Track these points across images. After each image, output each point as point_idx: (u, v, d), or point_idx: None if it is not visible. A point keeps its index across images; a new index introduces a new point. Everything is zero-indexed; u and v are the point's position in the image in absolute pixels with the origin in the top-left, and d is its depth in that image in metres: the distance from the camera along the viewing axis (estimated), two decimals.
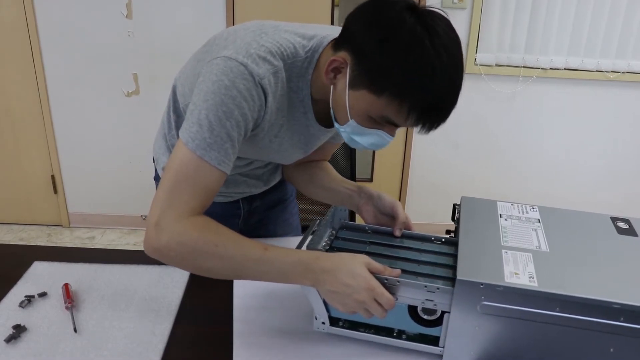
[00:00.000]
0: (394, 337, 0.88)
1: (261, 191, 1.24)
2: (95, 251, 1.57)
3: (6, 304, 0.99)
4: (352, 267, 0.81)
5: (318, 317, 0.89)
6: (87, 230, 2.99)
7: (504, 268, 0.82)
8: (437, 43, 0.76)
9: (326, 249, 0.91)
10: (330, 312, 0.89)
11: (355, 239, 1.00)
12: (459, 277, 0.79)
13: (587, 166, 2.90)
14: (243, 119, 0.85)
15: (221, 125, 0.83)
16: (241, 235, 0.87)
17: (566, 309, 0.77)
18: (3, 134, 2.79)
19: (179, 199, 0.84)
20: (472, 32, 2.59)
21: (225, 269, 0.85)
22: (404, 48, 0.76)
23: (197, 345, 0.92)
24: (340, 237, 1.01)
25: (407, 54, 0.76)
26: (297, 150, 1.05)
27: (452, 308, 0.81)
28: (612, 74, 2.65)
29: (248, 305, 1.00)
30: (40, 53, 2.62)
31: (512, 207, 1.03)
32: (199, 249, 0.83)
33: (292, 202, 1.38)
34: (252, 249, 0.84)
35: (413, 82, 0.77)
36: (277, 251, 0.84)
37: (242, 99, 0.84)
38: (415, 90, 0.78)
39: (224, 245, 0.83)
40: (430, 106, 0.80)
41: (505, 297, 0.78)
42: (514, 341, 0.81)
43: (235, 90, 0.83)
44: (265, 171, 1.19)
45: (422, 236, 1.02)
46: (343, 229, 1.04)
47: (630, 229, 0.98)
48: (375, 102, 0.81)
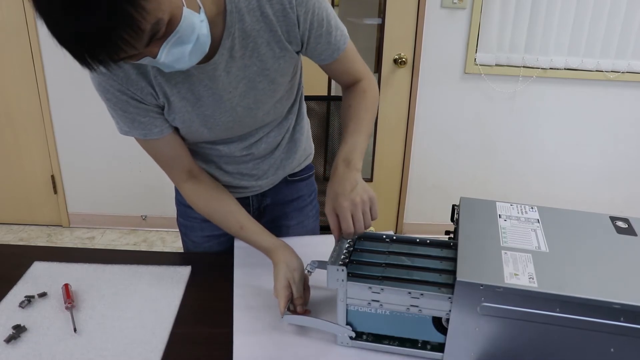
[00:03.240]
0: (419, 348, 0.87)
1: (259, 185, 1.20)
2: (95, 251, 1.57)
3: (6, 304, 0.99)
4: (277, 273, 0.98)
5: (341, 334, 0.89)
6: (87, 230, 2.99)
7: (503, 269, 0.81)
8: None
9: (346, 262, 0.88)
10: (355, 327, 0.88)
11: (373, 250, 0.95)
12: (459, 279, 0.78)
13: (587, 166, 2.90)
14: (123, 95, 0.94)
15: (115, 112, 0.97)
16: (228, 204, 1.09)
17: (566, 310, 0.76)
18: (3, 134, 2.79)
19: (167, 173, 1.08)
20: (472, 32, 2.59)
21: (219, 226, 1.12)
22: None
23: (197, 345, 0.92)
24: (358, 248, 0.95)
25: None
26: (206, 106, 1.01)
27: (452, 309, 0.81)
28: (612, 74, 2.65)
29: (249, 306, 1.00)
30: (40, 53, 2.62)
31: (511, 208, 1.03)
32: (198, 210, 1.11)
33: (311, 204, 1.34)
34: (231, 226, 1.09)
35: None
36: (249, 232, 1.08)
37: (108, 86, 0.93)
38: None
39: (209, 217, 1.11)
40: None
41: (505, 298, 0.78)
42: (513, 342, 0.81)
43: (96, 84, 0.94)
44: (243, 160, 1.15)
45: (440, 242, 0.97)
46: (361, 240, 0.98)
47: (629, 228, 0.98)
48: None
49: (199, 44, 0.80)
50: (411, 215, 3.01)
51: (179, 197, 1.26)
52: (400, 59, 2.65)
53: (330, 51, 1.01)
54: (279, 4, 0.91)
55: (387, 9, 2.58)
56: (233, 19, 0.90)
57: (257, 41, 0.93)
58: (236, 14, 0.90)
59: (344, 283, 0.84)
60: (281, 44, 0.96)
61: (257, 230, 1.08)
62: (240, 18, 0.90)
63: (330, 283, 0.85)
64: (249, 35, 0.92)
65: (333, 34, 0.99)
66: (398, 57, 2.65)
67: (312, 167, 1.33)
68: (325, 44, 0.99)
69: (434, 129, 2.76)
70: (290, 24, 0.93)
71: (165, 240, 2.91)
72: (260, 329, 0.94)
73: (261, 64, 0.96)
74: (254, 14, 0.91)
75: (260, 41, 0.94)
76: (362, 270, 0.88)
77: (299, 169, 1.27)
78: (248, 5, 0.90)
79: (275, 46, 0.95)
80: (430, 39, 2.62)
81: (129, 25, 0.68)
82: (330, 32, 0.98)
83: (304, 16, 0.93)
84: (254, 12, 0.90)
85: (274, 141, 1.14)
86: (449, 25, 2.59)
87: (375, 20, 2.67)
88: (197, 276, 1.11)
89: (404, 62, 2.65)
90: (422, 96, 2.70)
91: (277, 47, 0.96)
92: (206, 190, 1.10)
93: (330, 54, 1.02)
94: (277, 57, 0.97)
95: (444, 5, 2.55)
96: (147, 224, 3.01)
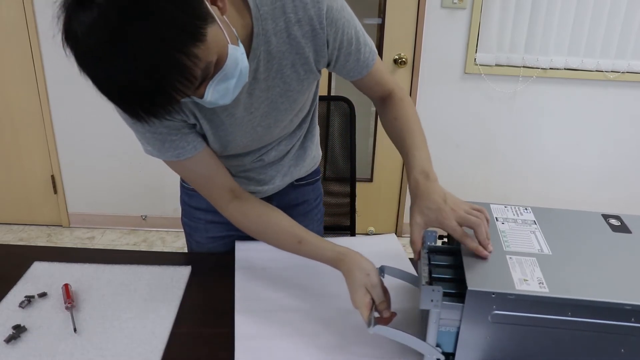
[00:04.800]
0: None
1: (265, 190, 1.19)
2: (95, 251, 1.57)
3: (6, 304, 0.99)
4: (351, 283, 0.89)
5: (430, 356, 0.84)
6: (87, 230, 2.99)
7: (512, 275, 0.80)
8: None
9: (429, 283, 0.84)
10: (443, 347, 0.84)
11: (450, 265, 0.90)
12: (470, 288, 0.76)
13: (587, 166, 2.90)
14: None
15: (143, 135, 0.93)
16: (280, 219, 1.01)
17: (578, 313, 0.76)
18: (3, 134, 2.79)
19: (207, 195, 1.03)
20: (471, 32, 2.59)
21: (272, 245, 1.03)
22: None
23: (197, 345, 0.92)
24: (434, 262, 0.90)
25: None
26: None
27: (463, 319, 0.79)
28: (612, 74, 2.65)
29: (250, 309, 0.99)
30: (40, 53, 2.62)
31: (505, 210, 1.02)
32: (247, 231, 1.03)
33: (316, 208, 1.33)
34: (286, 242, 1.00)
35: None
36: (309, 246, 0.98)
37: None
38: None
39: (261, 236, 1.03)
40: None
41: (517, 305, 0.76)
42: (524, 348, 0.80)
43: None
44: (252, 166, 1.14)
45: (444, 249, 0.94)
46: (433, 253, 0.93)
47: (622, 225, 0.98)
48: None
49: (241, 76, 0.79)
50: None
51: (185, 197, 1.26)
52: (400, 59, 2.65)
53: (359, 68, 1.01)
54: (309, 25, 0.90)
55: (387, 9, 2.58)
56: (259, 42, 0.88)
57: (281, 62, 0.92)
58: (262, 36, 0.88)
59: (439, 303, 0.79)
60: (307, 66, 0.95)
61: (317, 242, 0.98)
62: (266, 40, 0.89)
63: (424, 304, 0.80)
64: (274, 57, 0.91)
65: (362, 51, 0.99)
66: (398, 57, 2.65)
67: (318, 171, 1.32)
68: (354, 61, 0.99)
69: (434, 129, 2.76)
70: (320, 44, 0.92)
71: (165, 240, 2.91)
72: (261, 334, 0.93)
73: (284, 86, 0.96)
74: (281, 36, 0.90)
75: (285, 63, 0.93)
76: (451, 289, 0.83)
77: (306, 174, 1.27)
78: (275, 27, 0.88)
79: (300, 68, 0.94)
80: (430, 39, 2.61)
81: (182, 74, 0.67)
82: (359, 49, 0.98)
83: (333, 36, 0.92)
84: (280, 34, 0.89)
85: (284, 149, 1.14)
86: (449, 25, 2.59)
87: (375, 20, 2.67)
88: (197, 276, 1.11)
89: (404, 62, 2.65)
90: (422, 96, 2.70)
91: (302, 69, 0.95)
92: (252, 207, 1.02)
93: (359, 71, 1.01)
94: (301, 80, 0.96)
95: (444, 5, 2.55)
96: (147, 224, 3.01)
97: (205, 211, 1.22)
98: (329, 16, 0.90)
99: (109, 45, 0.64)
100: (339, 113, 1.57)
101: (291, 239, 1.00)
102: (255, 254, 1.16)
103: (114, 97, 0.69)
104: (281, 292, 1.04)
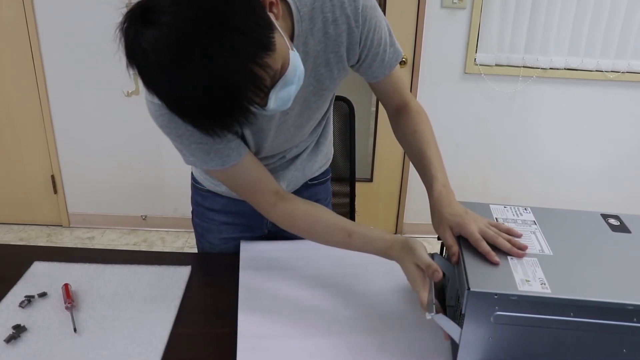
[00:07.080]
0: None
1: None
2: (95, 251, 1.57)
3: (6, 304, 0.99)
4: (406, 268, 0.89)
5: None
6: (87, 230, 2.99)
7: (514, 276, 0.80)
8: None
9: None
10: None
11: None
12: (472, 289, 0.77)
13: (587, 166, 2.90)
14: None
15: (188, 147, 0.90)
16: (326, 214, 0.99)
17: (580, 314, 0.76)
18: (3, 134, 2.79)
19: (251, 200, 1.00)
20: (471, 32, 2.59)
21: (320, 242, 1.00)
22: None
23: (197, 345, 0.92)
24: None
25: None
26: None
27: (465, 320, 0.79)
28: (612, 74, 2.65)
29: (254, 308, 0.99)
30: (40, 53, 2.62)
31: (505, 210, 1.02)
32: (296, 230, 1.00)
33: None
34: (336, 236, 0.97)
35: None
36: (359, 238, 0.95)
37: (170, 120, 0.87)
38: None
39: (310, 234, 0.99)
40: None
41: (520, 306, 0.77)
42: (526, 348, 0.80)
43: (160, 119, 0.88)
44: (274, 165, 1.14)
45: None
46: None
47: (622, 225, 0.98)
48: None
49: (299, 81, 0.79)
50: (411, 216, 3.01)
51: (198, 197, 1.25)
52: (401, 59, 2.65)
53: (383, 69, 1.02)
54: (345, 24, 0.90)
55: (387, 9, 2.58)
56: (299, 43, 0.89)
57: (316, 61, 0.93)
58: (301, 37, 0.89)
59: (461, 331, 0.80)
60: (340, 65, 0.95)
61: (367, 232, 0.96)
62: (304, 40, 0.89)
63: (452, 334, 0.82)
64: (310, 57, 0.92)
65: (387, 52, 0.99)
66: None
67: (329, 171, 1.32)
68: (380, 62, 1.00)
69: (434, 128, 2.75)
70: (353, 42, 0.93)
71: (165, 240, 2.91)
72: (264, 334, 0.93)
73: (318, 84, 0.96)
74: (317, 35, 0.90)
75: (319, 62, 0.93)
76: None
77: (319, 173, 1.27)
78: (313, 27, 0.89)
79: (334, 67, 0.95)
80: (430, 39, 2.61)
81: (256, 85, 0.67)
82: (385, 50, 0.99)
83: (366, 34, 0.93)
84: (317, 34, 0.90)
85: (304, 145, 1.14)
86: (449, 25, 2.59)
87: None
88: (197, 276, 1.11)
89: (404, 62, 2.65)
90: (422, 96, 2.70)
91: (336, 68, 0.95)
92: (297, 206, 1.01)
93: (382, 72, 1.02)
94: (333, 78, 0.97)
95: (444, 5, 2.55)
96: (147, 224, 3.01)
97: (219, 212, 1.22)
98: (364, 14, 0.91)
99: (183, 60, 0.63)
100: (339, 113, 1.57)
101: (341, 233, 0.97)
102: (259, 254, 1.16)
103: (186, 112, 0.68)
104: (285, 293, 1.04)
